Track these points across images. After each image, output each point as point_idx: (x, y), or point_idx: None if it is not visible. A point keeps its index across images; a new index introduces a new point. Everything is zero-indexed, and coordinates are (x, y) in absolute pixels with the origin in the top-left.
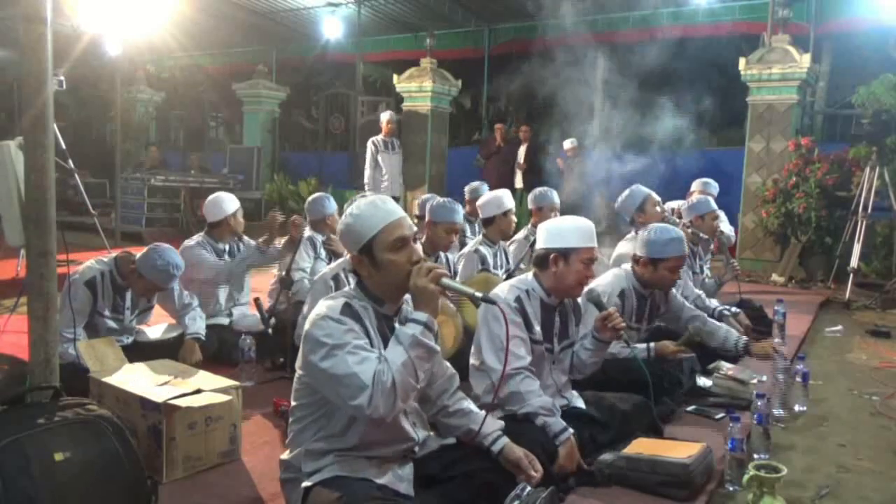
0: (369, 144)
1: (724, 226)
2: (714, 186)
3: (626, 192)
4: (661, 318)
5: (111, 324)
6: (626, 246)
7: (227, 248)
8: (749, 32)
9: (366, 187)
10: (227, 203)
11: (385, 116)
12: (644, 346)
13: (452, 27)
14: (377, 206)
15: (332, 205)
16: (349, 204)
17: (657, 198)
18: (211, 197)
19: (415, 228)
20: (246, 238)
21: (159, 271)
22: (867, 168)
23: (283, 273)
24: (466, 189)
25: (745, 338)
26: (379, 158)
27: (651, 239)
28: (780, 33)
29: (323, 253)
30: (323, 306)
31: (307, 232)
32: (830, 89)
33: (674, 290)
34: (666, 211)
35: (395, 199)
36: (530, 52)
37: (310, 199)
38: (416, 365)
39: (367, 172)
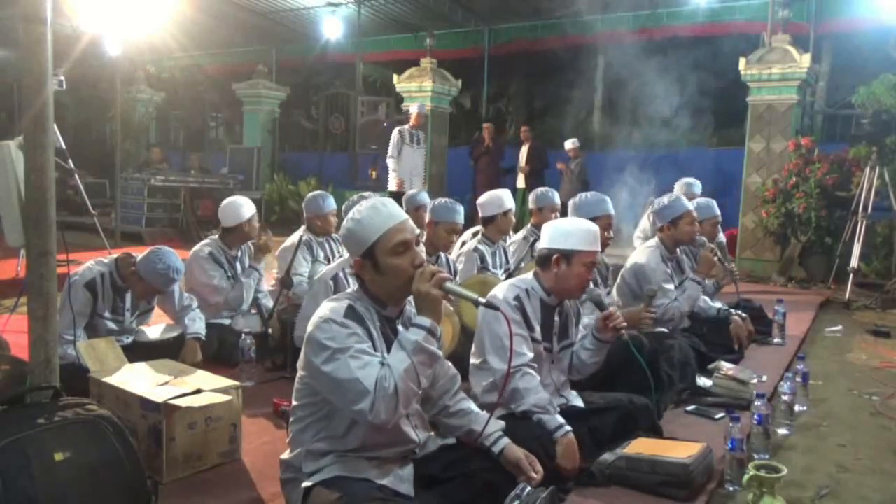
0: (395, 133)
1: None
2: (697, 186)
3: (667, 199)
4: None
5: (111, 325)
6: (645, 253)
7: (238, 254)
8: (749, 32)
9: (391, 175)
10: (244, 208)
11: (415, 109)
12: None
13: (452, 27)
14: (378, 209)
15: (328, 204)
16: (348, 205)
17: (695, 215)
18: (227, 201)
19: (417, 231)
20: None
21: (160, 275)
22: (867, 168)
23: (283, 274)
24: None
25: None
26: (402, 149)
27: (582, 202)
28: (780, 33)
29: (321, 255)
30: (326, 308)
31: (304, 235)
32: (830, 89)
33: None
34: (698, 230)
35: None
36: (530, 52)
37: (308, 195)
38: (418, 371)
39: (391, 162)
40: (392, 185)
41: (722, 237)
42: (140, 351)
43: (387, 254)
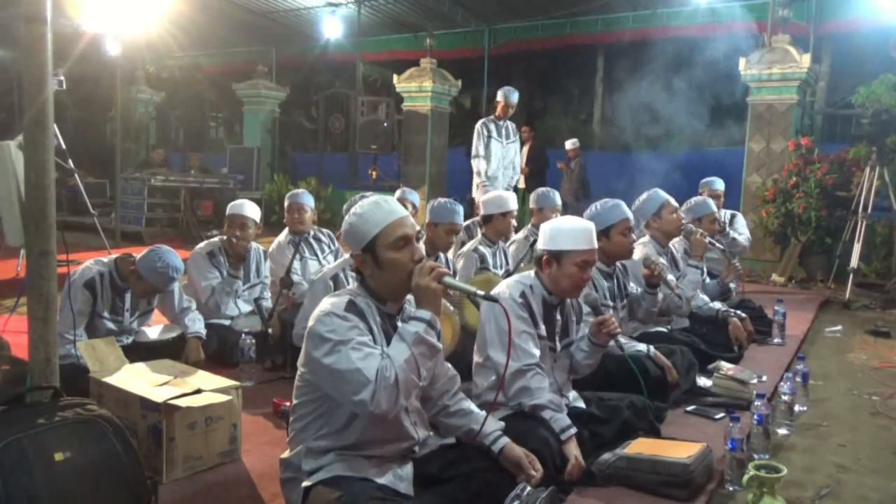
0: (480, 128)
1: (743, 231)
2: (720, 184)
3: (644, 195)
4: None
5: (110, 325)
6: (638, 250)
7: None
8: (749, 32)
9: (476, 178)
10: (246, 209)
11: (500, 94)
12: (644, 346)
13: (452, 27)
14: (380, 205)
15: (303, 197)
16: (349, 205)
17: (675, 204)
18: (234, 203)
19: (417, 227)
20: (254, 245)
21: (158, 273)
22: (867, 168)
23: (284, 274)
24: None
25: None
26: (491, 145)
27: (595, 213)
28: (780, 33)
29: (306, 252)
30: (327, 303)
31: (287, 236)
32: (830, 89)
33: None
34: (683, 218)
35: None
36: (530, 52)
37: (287, 195)
38: (418, 362)
39: (476, 163)
40: (476, 193)
41: (746, 239)
42: (140, 351)
43: (387, 248)
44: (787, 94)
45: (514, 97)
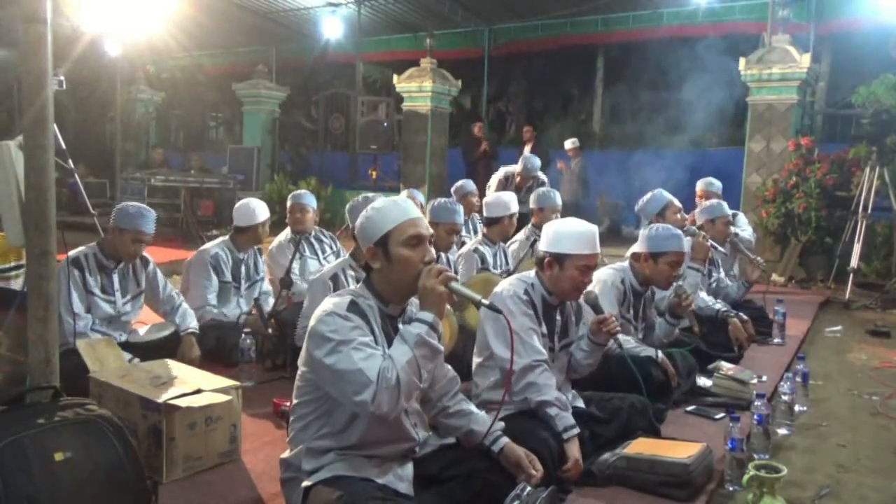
0: (501, 178)
1: (746, 227)
2: (717, 185)
3: (649, 195)
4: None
5: (105, 307)
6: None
7: (244, 256)
8: (749, 32)
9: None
10: (259, 212)
11: (520, 163)
12: (653, 351)
13: (452, 27)
14: (398, 203)
15: (305, 197)
16: (352, 205)
17: (678, 204)
18: (243, 201)
19: (431, 231)
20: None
21: (132, 216)
22: (867, 168)
23: (283, 274)
24: (454, 190)
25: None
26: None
27: (651, 235)
28: (780, 33)
29: (307, 251)
30: (329, 303)
31: (288, 235)
32: (830, 89)
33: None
34: (686, 219)
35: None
36: (530, 52)
37: (290, 195)
38: (420, 364)
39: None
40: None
41: (752, 235)
42: (134, 351)
43: (400, 244)
44: (787, 94)
45: (533, 165)
